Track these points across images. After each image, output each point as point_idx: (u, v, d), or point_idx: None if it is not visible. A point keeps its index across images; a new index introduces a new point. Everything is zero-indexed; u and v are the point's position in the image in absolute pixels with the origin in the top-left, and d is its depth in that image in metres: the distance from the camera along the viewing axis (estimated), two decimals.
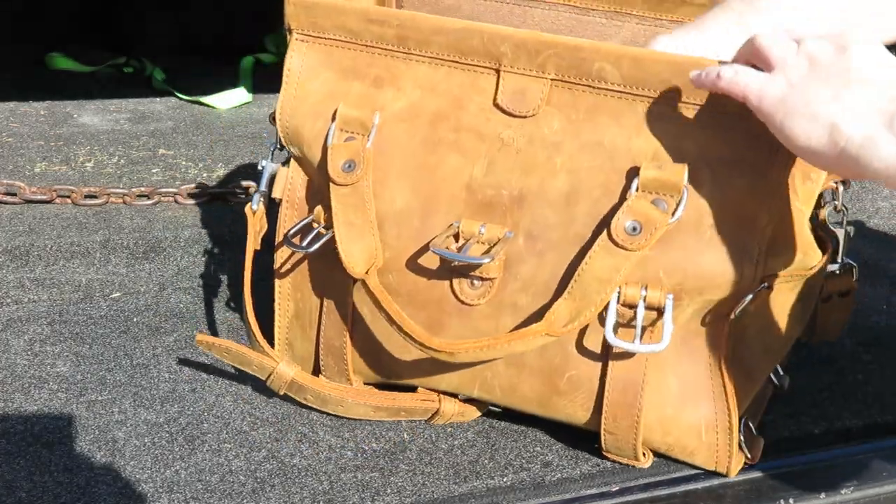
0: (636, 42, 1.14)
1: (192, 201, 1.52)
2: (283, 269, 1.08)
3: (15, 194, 1.48)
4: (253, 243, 1.10)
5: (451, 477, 0.98)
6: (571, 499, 0.96)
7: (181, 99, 2.11)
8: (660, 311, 0.92)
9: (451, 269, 0.98)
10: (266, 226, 1.12)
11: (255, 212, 1.09)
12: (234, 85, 2.16)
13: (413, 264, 1.00)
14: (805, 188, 0.93)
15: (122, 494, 0.93)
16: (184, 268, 1.39)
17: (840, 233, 1.04)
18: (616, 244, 0.90)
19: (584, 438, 1.03)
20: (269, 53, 2.47)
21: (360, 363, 1.07)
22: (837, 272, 1.06)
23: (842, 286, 1.07)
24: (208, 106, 2.07)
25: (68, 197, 1.49)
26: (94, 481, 0.95)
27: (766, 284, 0.92)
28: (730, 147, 0.91)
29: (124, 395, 1.10)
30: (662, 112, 0.93)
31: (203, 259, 1.41)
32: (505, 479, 0.98)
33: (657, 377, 0.96)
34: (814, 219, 1.01)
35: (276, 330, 1.11)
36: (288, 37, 1.06)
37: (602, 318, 0.93)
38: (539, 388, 0.99)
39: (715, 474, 0.99)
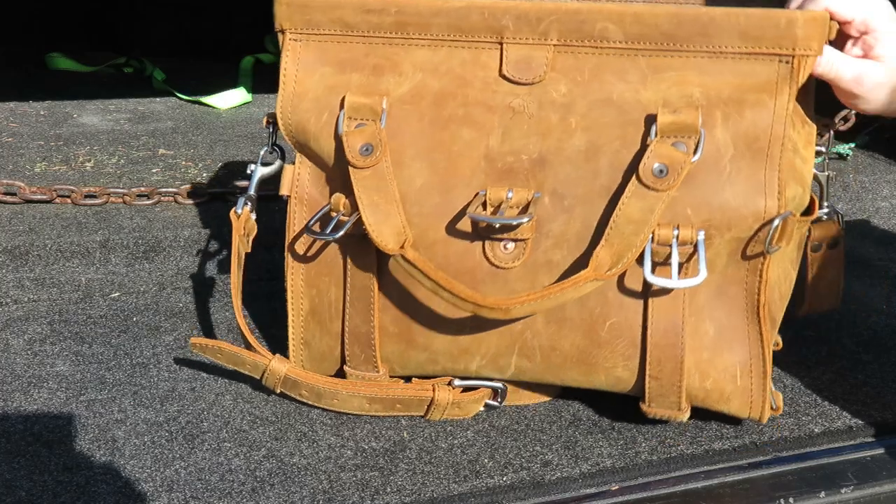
0: None
1: (191, 201, 1.52)
2: (294, 267, 1.08)
3: (15, 194, 1.48)
4: (243, 246, 1.11)
5: (450, 476, 0.98)
6: (571, 498, 0.97)
7: (181, 99, 2.11)
8: (693, 247, 0.96)
9: (482, 237, 1.00)
10: (256, 228, 1.13)
11: (238, 215, 1.10)
12: (234, 85, 2.16)
13: (440, 238, 1.01)
14: (804, 131, 0.99)
15: (122, 493, 0.93)
16: (184, 268, 1.40)
17: (822, 177, 1.07)
18: (647, 186, 0.95)
19: (583, 437, 1.03)
20: (269, 53, 2.47)
21: (388, 349, 1.07)
22: (824, 217, 1.08)
23: (829, 233, 1.09)
24: (208, 106, 2.08)
25: (68, 197, 1.49)
26: (93, 480, 0.95)
27: (790, 212, 0.95)
28: (732, 88, 0.97)
29: (124, 394, 1.10)
30: (664, 63, 0.98)
31: (203, 259, 1.41)
32: (505, 479, 0.97)
33: (694, 322, 0.99)
34: None
35: (290, 330, 1.10)
36: (280, 38, 1.07)
37: (640, 262, 0.96)
38: (580, 341, 1.00)
39: (714, 473, 1.00)
